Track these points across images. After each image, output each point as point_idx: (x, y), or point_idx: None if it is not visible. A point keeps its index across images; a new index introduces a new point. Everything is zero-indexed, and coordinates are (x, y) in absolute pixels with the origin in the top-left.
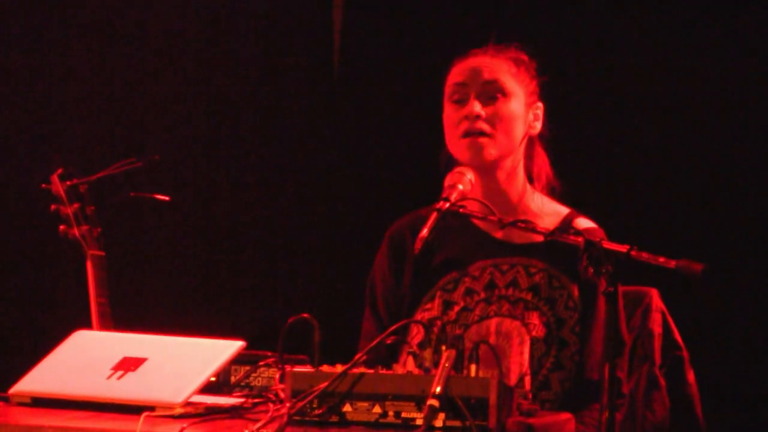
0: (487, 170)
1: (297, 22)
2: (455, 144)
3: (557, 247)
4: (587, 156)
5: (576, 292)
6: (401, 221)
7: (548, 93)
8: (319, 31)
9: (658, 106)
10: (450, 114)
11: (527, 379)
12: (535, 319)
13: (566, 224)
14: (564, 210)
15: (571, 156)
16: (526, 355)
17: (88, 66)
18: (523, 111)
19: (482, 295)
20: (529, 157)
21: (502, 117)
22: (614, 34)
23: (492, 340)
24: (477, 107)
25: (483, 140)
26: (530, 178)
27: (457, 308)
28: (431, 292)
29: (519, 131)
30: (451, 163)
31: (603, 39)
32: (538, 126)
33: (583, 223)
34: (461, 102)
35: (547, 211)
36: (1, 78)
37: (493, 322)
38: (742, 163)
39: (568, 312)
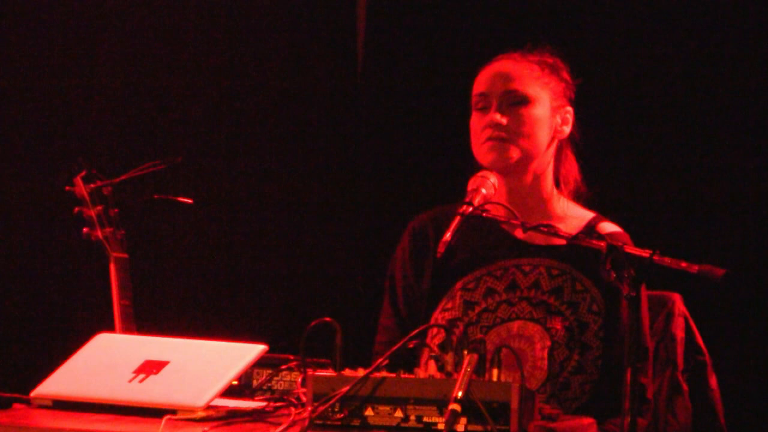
0: (511, 173)
1: (320, 21)
2: (478, 149)
3: (581, 251)
4: (610, 159)
5: (600, 297)
6: (424, 216)
7: (576, 97)
8: (343, 31)
9: (683, 111)
10: (474, 122)
11: (549, 383)
12: (557, 322)
13: (590, 228)
14: (589, 214)
15: (594, 159)
16: (548, 359)
17: (112, 68)
18: (548, 115)
19: (504, 296)
20: (558, 160)
21: (524, 122)
22: (641, 41)
23: (514, 342)
24: (497, 116)
25: (504, 144)
26: (558, 183)
27: (478, 309)
28: (451, 291)
29: (543, 135)
30: (476, 167)
31: (631, 44)
32: (567, 130)
33: (608, 227)
34: (484, 110)
35: (572, 215)
36: (25, 80)
37: (515, 325)
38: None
39: (592, 316)
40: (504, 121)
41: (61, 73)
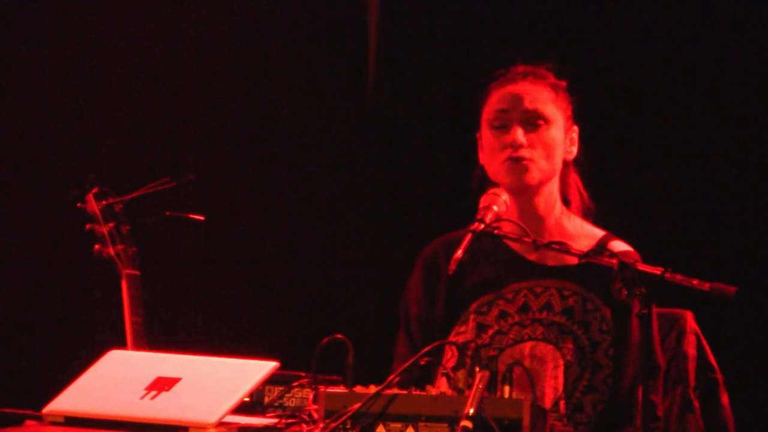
0: (526, 194)
1: (331, 39)
2: (497, 168)
3: (591, 270)
4: (621, 178)
5: (609, 315)
6: (434, 243)
7: (581, 115)
8: (353, 53)
9: (694, 128)
10: (491, 139)
11: (562, 403)
12: (569, 342)
13: (601, 247)
14: (599, 233)
15: (605, 178)
16: (561, 379)
17: (123, 86)
18: (562, 136)
19: (516, 318)
20: (563, 181)
21: (544, 144)
22: (646, 56)
23: (526, 363)
24: (520, 136)
25: (526, 164)
26: (565, 201)
27: (491, 331)
28: (465, 315)
29: (559, 157)
30: (485, 183)
31: (633, 59)
32: (574, 150)
33: (618, 245)
34: (503, 128)
35: (583, 233)
36: (37, 96)
37: (527, 346)
38: None
39: (602, 335)
40: (525, 140)
41: (74, 91)
